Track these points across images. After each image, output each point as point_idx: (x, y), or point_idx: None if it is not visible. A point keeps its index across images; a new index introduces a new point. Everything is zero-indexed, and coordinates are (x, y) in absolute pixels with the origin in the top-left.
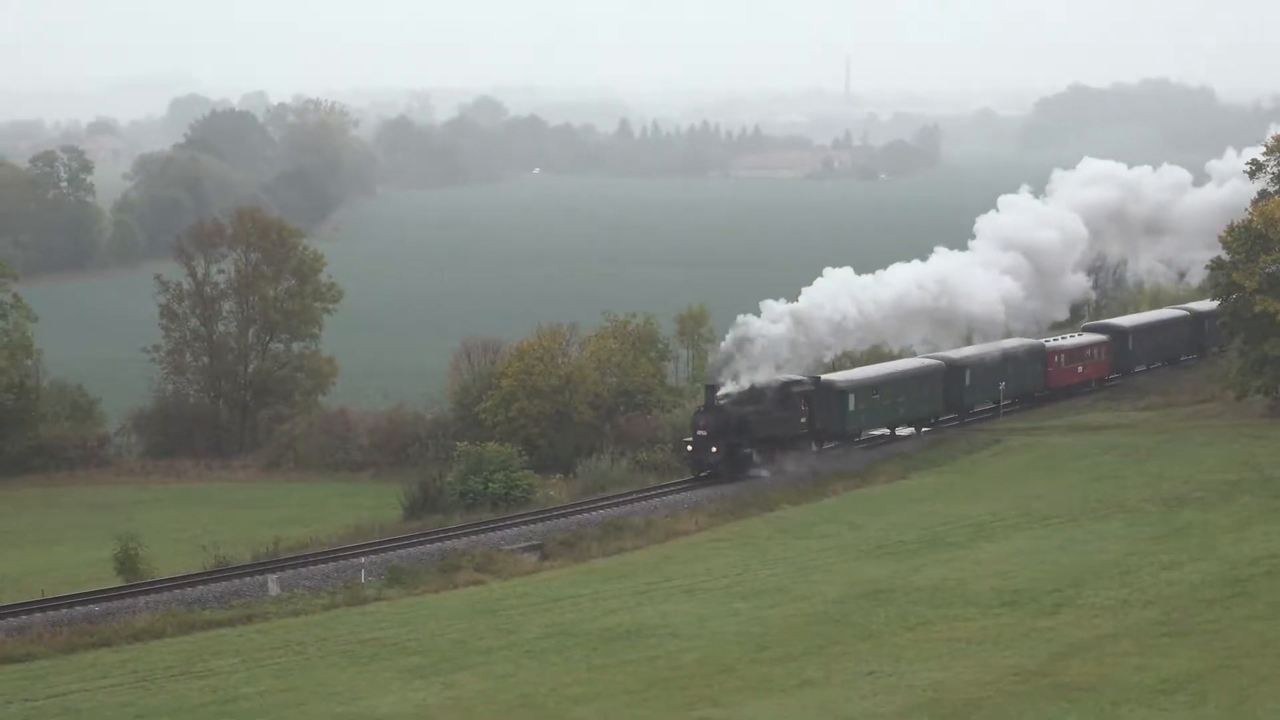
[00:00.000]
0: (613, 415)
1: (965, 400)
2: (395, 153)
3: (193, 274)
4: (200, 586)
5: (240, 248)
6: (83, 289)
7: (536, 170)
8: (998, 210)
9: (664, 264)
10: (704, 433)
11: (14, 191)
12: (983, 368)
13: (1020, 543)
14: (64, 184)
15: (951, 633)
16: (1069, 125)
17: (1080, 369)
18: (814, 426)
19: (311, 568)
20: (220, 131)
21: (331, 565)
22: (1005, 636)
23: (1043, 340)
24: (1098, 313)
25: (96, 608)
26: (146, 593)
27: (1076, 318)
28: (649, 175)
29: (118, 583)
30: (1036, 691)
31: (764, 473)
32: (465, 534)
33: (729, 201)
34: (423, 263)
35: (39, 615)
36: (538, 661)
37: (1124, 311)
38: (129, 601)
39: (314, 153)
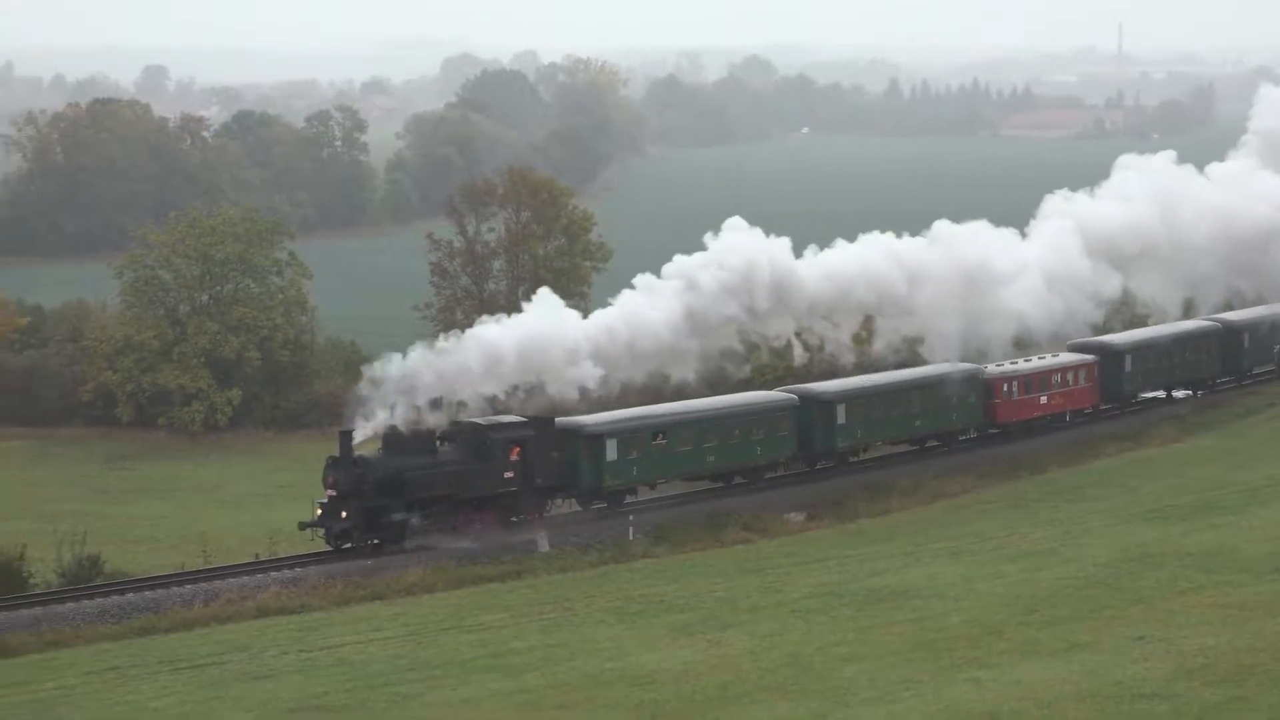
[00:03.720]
0: None
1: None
2: (665, 112)
3: (463, 232)
4: (470, 544)
5: (511, 206)
6: (356, 246)
7: (805, 130)
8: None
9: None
10: (333, 492)
11: (290, 150)
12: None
13: None
14: (338, 143)
15: (1223, 599)
16: None
17: None
18: (532, 481)
19: (581, 525)
20: (491, 91)
21: (601, 523)
22: (1279, 604)
23: None
24: None
25: (368, 562)
26: (415, 551)
27: None
28: (916, 134)
29: None
30: None
31: (467, 543)
32: (734, 494)
33: (1000, 160)
34: (692, 222)
35: (314, 568)
36: (804, 621)
37: None
38: (400, 558)
39: (584, 112)
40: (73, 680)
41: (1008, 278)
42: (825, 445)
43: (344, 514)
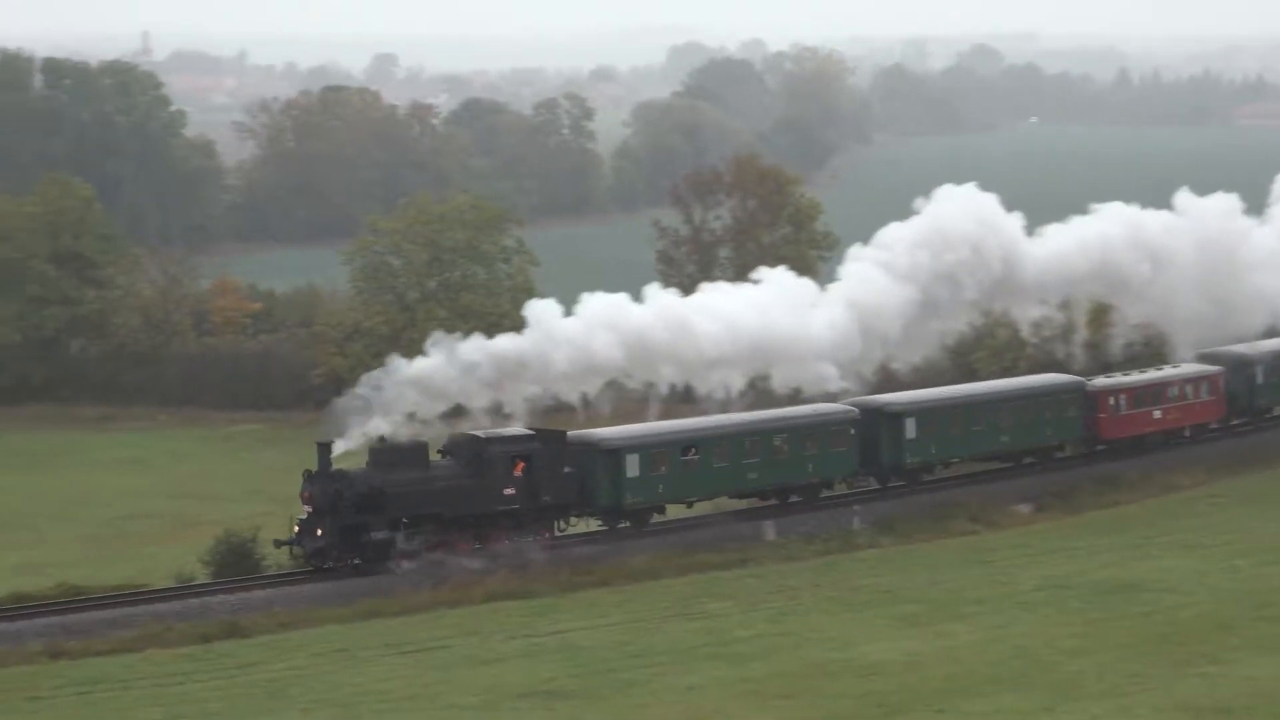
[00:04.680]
0: None
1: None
2: (891, 100)
3: (690, 220)
4: (695, 531)
5: (737, 194)
6: (582, 233)
7: (1033, 119)
8: None
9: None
10: (309, 508)
11: (518, 137)
12: None
13: None
14: (565, 130)
15: None
16: None
17: None
18: (537, 498)
19: (806, 515)
20: (718, 79)
21: (825, 513)
22: None
23: None
24: None
25: (595, 549)
26: (642, 536)
27: None
28: (1146, 124)
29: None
30: None
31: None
32: (959, 485)
33: (1232, 150)
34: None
35: (543, 555)
36: (1031, 613)
37: None
38: (627, 544)
39: (810, 100)
40: (303, 661)
41: (1262, 260)
42: (893, 461)
43: (319, 532)
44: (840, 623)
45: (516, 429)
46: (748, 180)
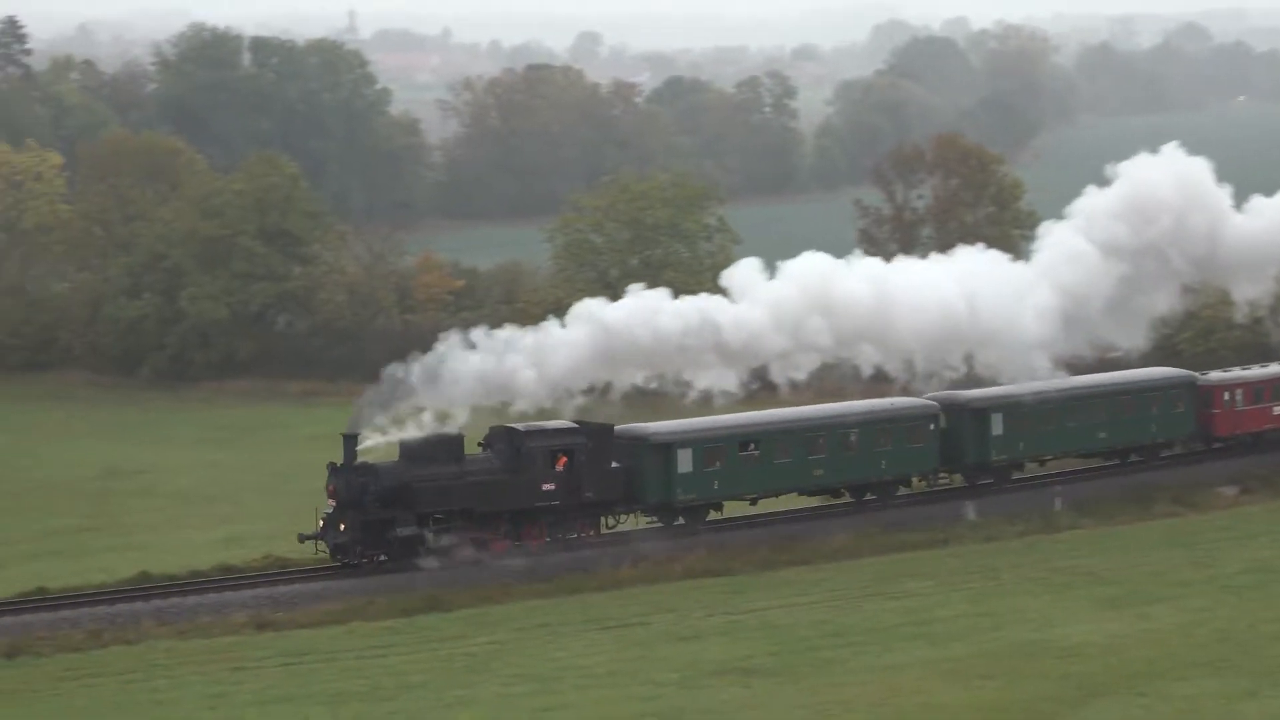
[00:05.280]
0: None
1: None
2: (1096, 79)
3: (891, 199)
4: (897, 510)
5: (940, 173)
6: (784, 212)
7: (1241, 98)
8: None
9: None
10: (334, 502)
11: (720, 116)
12: None
13: None
14: (768, 109)
15: None
16: None
17: None
18: (579, 494)
19: (1007, 495)
20: (921, 57)
21: (1026, 494)
22: None
23: None
24: None
25: (795, 527)
26: (841, 514)
27: None
28: None
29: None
30: None
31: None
32: (1162, 467)
33: None
34: None
35: (740, 533)
36: (1236, 597)
37: None
38: (826, 523)
39: (1014, 79)
40: (504, 635)
41: None
42: (977, 458)
43: (342, 526)
44: (1041, 604)
45: (560, 422)
46: (950, 159)
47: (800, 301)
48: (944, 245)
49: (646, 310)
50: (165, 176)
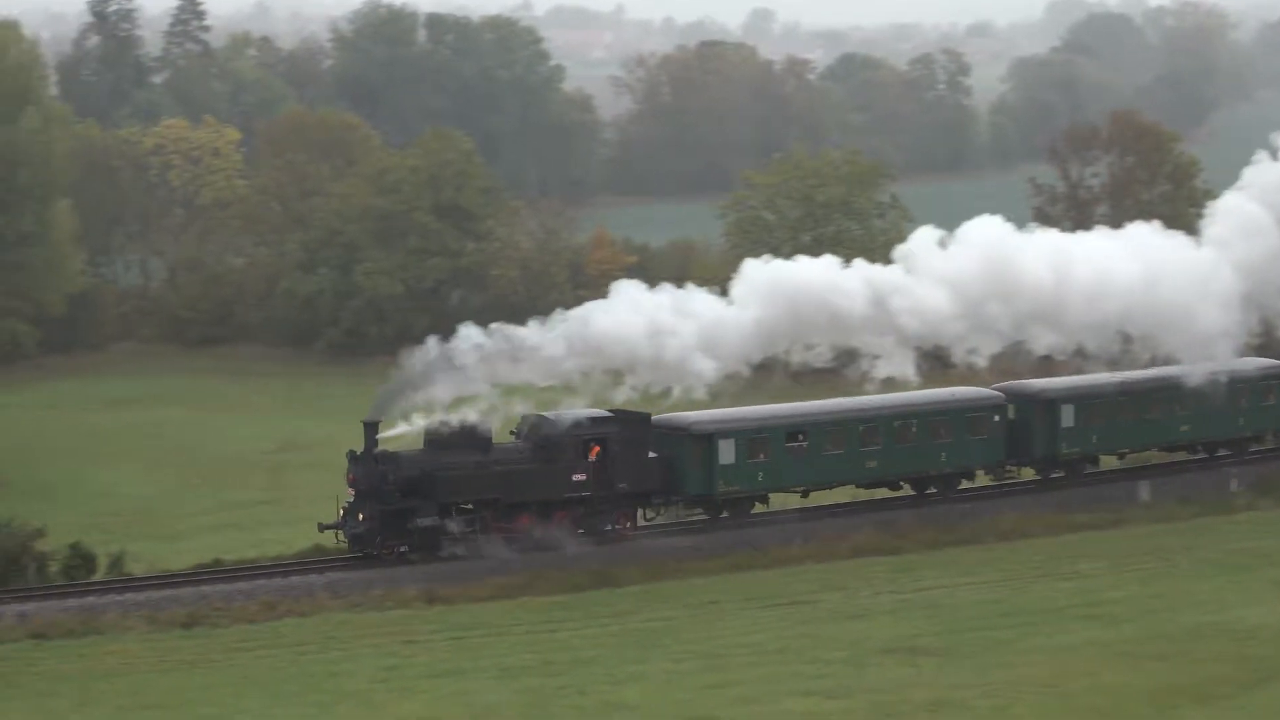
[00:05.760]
0: None
1: None
2: (1275, 56)
3: (1066, 177)
4: (1067, 491)
5: (1115, 151)
6: (957, 189)
7: None
8: None
9: None
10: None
11: (893, 93)
12: None
13: None
14: (941, 86)
15: None
16: None
17: None
18: (612, 484)
19: (1181, 476)
20: (1097, 34)
21: (1201, 474)
22: None
23: None
24: None
25: (967, 506)
26: (1014, 494)
27: None
28: None
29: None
30: None
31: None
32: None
33: None
34: None
35: (907, 512)
36: None
37: None
38: (996, 502)
39: (1191, 56)
40: (674, 612)
41: None
42: (1047, 451)
43: (361, 516)
44: (1215, 586)
45: (595, 410)
46: (1126, 136)
47: (980, 283)
48: (1118, 224)
49: (829, 275)
50: (341, 152)
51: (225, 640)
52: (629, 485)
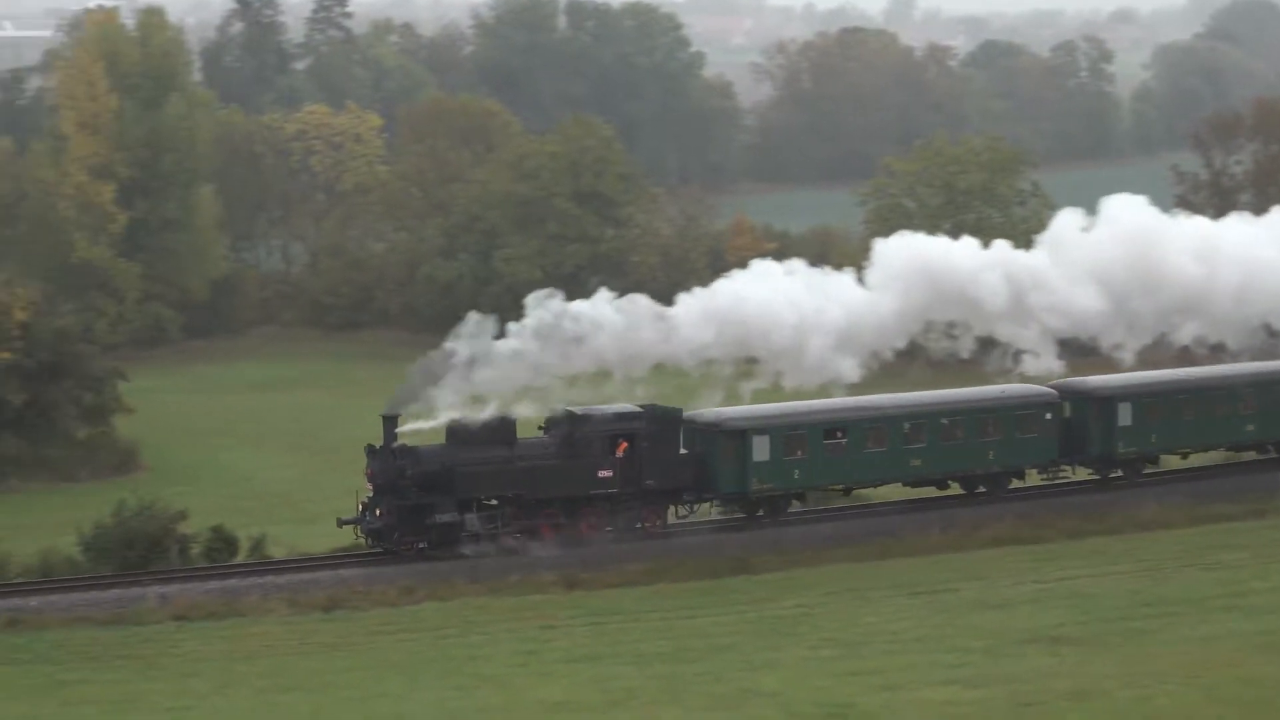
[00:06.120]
0: None
1: None
2: None
3: (1209, 164)
4: (1208, 481)
5: (1259, 138)
6: (1099, 177)
7: None
8: None
9: None
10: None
11: (1035, 79)
12: None
13: None
14: (1083, 73)
15: None
16: None
17: None
18: (640, 481)
19: None
20: (1241, 20)
21: None
22: None
23: None
24: None
25: (1101, 497)
26: (1156, 484)
27: None
28: None
29: None
30: None
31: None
32: None
33: None
34: None
35: (1049, 501)
36: None
37: None
38: (1134, 491)
39: None
40: (812, 599)
41: None
42: (1103, 450)
43: (378, 511)
44: None
45: (624, 406)
46: (1270, 124)
47: (1125, 274)
48: (1263, 212)
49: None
50: (481, 138)
51: (365, 624)
52: (657, 482)
